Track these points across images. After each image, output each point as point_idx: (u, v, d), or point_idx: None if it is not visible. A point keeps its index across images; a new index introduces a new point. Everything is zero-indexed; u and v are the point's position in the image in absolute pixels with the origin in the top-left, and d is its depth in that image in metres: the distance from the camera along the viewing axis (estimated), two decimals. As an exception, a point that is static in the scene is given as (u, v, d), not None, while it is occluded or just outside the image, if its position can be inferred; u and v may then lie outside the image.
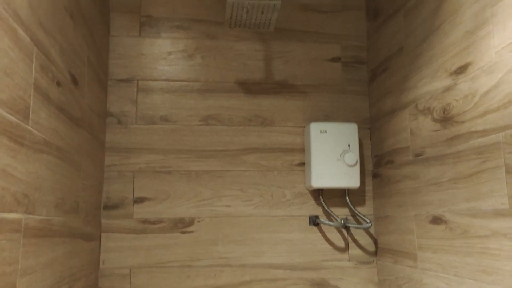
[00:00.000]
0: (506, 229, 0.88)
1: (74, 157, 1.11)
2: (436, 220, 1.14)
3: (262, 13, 1.29)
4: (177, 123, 1.51)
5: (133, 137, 1.48)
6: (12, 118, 0.73)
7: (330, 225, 1.50)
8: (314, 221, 1.50)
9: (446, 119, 1.10)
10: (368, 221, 1.44)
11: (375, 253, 1.51)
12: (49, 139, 0.92)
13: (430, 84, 1.18)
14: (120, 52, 1.52)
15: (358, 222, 1.53)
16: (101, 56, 1.40)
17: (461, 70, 1.04)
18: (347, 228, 1.52)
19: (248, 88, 1.56)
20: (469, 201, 1.01)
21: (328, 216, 1.52)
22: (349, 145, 1.47)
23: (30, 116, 0.82)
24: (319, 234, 1.50)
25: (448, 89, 1.10)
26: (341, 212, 1.53)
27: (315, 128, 1.47)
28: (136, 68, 1.52)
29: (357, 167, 1.46)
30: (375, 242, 1.51)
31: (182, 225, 1.45)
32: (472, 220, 0.99)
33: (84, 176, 1.21)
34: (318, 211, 1.52)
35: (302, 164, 1.54)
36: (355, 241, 1.51)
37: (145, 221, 1.44)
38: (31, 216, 0.83)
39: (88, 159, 1.26)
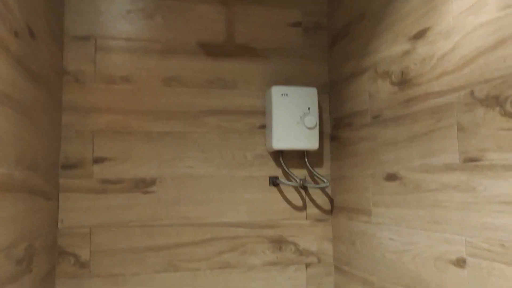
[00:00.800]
0: (456, 182, 0.96)
1: (33, 113, 1.07)
2: (391, 177, 1.21)
3: (228, -29, 1.28)
4: (138, 83, 1.48)
5: (92, 96, 1.44)
6: (-25, 63, 0.70)
7: (289, 185, 1.55)
8: (273, 182, 1.55)
9: (403, 82, 1.16)
10: (325, 180, 1.51)
11: (330, 212, 1.59)
12: (8, 92, 0.89)
13: (389, 49, 1.23)
14: (76, 8, 1.46)
15: (316, 182, 1.59)
16: (56, 11, 1.34)
17: (420, 34, 1.09)
18: (305, 188, 1.58)
19: (210, 50, 1.55)
20: (423, 158, 1.08)
21: (288, 176, 1.57)
22: (309, 109, 1.51)
23: (-7, 64, 0.78)
24: (279, 194, 1.55)
25: (407, 53, 1.15)
26: (300, 173, 1.58)
27: (276, 91, 1.50)
28: (94, 26, 1.46)
29: (316, 129, 1.51)
30: (331, 201, 1.59)
31: (143, 185, 1.45)
32: (424, 175, 1.07)
33: (42, 134, 1.17)
34: (278, 172, 1.56)
35: (263, 126, 1.57)
36: (312, 200, 1.58)
37: (105, 181, 1.42)
38: (-5, 168, 0.80)
39: (46, 117, 1.22)
